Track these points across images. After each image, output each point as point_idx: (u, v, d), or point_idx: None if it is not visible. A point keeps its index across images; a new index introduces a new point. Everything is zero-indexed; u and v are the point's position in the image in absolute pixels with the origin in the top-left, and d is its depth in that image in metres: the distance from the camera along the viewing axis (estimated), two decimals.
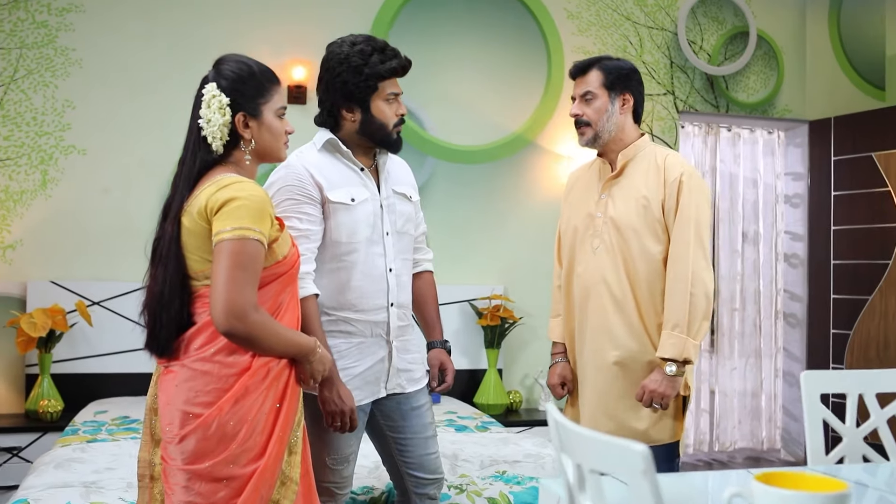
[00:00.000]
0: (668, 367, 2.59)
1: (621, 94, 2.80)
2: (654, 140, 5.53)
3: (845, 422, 2.27)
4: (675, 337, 2.59)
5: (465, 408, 4.64)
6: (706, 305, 2.62)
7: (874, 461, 2.27)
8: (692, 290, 2.59)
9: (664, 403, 2.61)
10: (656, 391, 2.60)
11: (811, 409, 2.19)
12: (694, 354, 2.61)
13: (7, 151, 4.63)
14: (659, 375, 2.61)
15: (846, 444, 2.25)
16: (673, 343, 2.59)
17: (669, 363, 2.59)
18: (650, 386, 2.61)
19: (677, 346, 2.58)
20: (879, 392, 2.28)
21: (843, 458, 2.27)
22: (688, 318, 2.58)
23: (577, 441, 1.39)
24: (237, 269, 2.02)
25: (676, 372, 2.59)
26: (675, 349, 2.59)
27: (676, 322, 2.59)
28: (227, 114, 2.16)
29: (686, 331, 2.58)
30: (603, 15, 5.46)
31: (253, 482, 2.09)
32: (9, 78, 4.62)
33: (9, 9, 4.62)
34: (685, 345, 2.58)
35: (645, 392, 2.62)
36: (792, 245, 5.98)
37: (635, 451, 1.24)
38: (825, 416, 2.22)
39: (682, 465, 5.68)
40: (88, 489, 2.90)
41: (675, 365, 2.58)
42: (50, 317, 4.32)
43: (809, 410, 2.18)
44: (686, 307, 2.59)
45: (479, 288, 5.16)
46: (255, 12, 4.93)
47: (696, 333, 2.61)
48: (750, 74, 5.79)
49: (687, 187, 2.68)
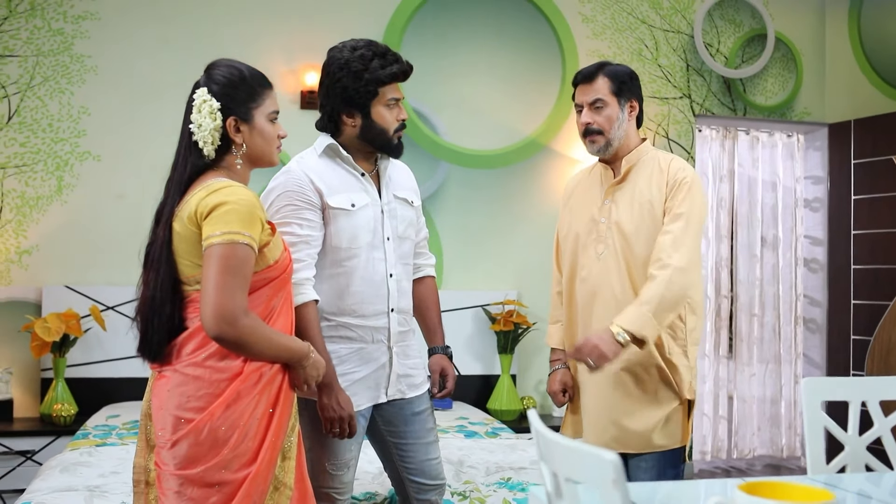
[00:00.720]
0: (620, 334, 2.49)
1: (629, 100, 2.78)
2: (670, 144, 5.48)
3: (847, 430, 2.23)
4: (641, 313, 2.50)
5: (477, 413, 4.62)
6: (681, 297, 2.54)
7: (877, 470, 2.22)
8: (672, 278, 2.52)
9: (597, 363, 2.49)
10: (597, 347, 2.47)
11: (811, 416, 2.14)
12: (651, 336, 2.51)
13: (23, 158, 4.68)
14: (608, 336, 2.49)
15: (848, 453, 2.20)
16: (636, 317, 2.50)
17: (624, 332, 2.50)
18: (594, 340, 2.49)
19: (638, 321, 2.50)
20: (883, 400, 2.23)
21: (844, 468, 2.22)
22: (658, 300, 2.50)
23: (553, 449, 1.36)
24: (227, 274, 2.02)
25: (625, 343, 2.49)
26: (635, 324, 2.49)
27: (647, 300, 2.52)
28: (218, 118, 2.16)
29: (653, 310, 2.50)
30: (618, 18, 5.43)
31: (245, 488, 2.09)
32: (25, 85, 4.68)
33: (25, 17, 4.67)
34: (646, 322, 2.49)
35: (587, 344, 2.50)
36: (812, 250, 5.90)
37: (606, 460, 1.21)
38: (826, 425, 2.17)
39: (700, 473, 5.62)
40: (92, 493, 2.92)
41: (628, 335, 2.49)
42: (64, 321, 4.36)
43: (809, 418, 2.14)
44: (661, 290, 2.51)
45: (492, 293, 5.14)
46: (268, 18, 4.95)
47: (662, 319, 2.53)
48: (768, 77, 5.73)
49: (686, 187, 2.66)
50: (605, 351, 2.48)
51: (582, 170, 3.03)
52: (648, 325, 2.51)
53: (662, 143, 5.47)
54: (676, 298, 2.55)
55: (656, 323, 2.52)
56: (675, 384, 2.67)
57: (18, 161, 4.67)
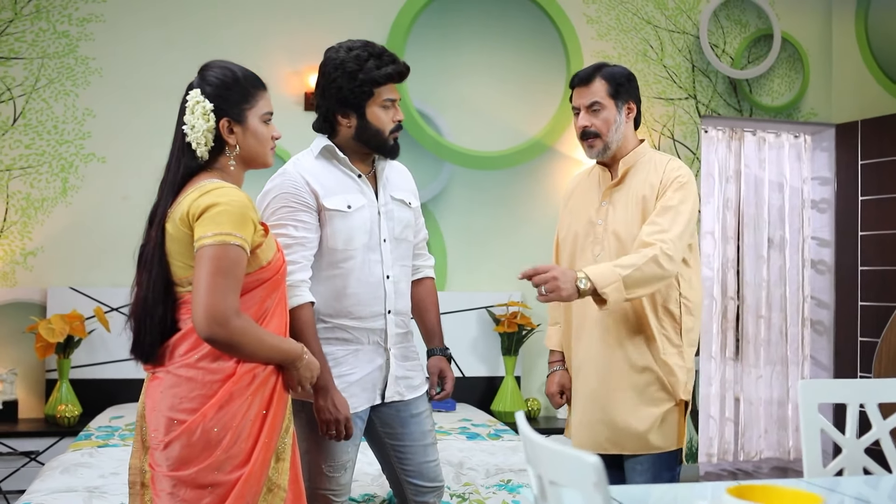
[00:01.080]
0: (582, 280, 2.44)
1: (626, 102, 2.75)
2: (675, 145, 5.45)
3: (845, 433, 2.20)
4: (612, 271, 2.45)
5: (481, 415, 4.61)
6: (656, 276, 2.49)
7: (875, 473, 2.20)
8: (658, 259, 2.48)
9: (551, 296, 2.43)
10: (556, 279, 2.41)
11: (808, 419, 2.12)
12: (613, 299, 2.45)
13: (28, 160, 4.70)
14: (571, 275, 2.44)
15: (846, 456, 2.18)
16: (606, 273, 2.45)
17: (586, 279, 2.44)
18: (555, 273, 2.43)
19: (607, 277, 2.44)
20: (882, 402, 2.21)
21: (842, 471, 2.20)
22: (633, 270, 2.46)
23: (538, 452, 1.36)
24: (218, 275, 2.02)
25: (584, 290, 2.43)
26: (602, 277, 2.44)
27: (624, 265, 2.47)
28: (211, 120, 2.16)
29: (625, 277, 2.45)
30: (623, 19, 5.41)
31: (238, 489, 2.09)
32: (30, 87, 4.70)
33: (31, 19, 4.70)
34: (612, 282, 2.43)
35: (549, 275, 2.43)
36: (819, 251, 5.87)
37: (587, 462, 1.20)
38: (824, 427, 2.15)
39: (707, 475, 5.59)
40: (91, 494, 2.92)
41: (590, 284, 2.43)
42: (68, 323, 4.37)
43: (806, 421, 2.12)
44: (639, 263, 2.47)
45: (496, 295, 5.13)
46: (271, 19, 4.96)
47: (631, 289, 2.47)
48: (774, 77, 5.70)
49: (677, 185, 2.63)
50: (560, 286, 2.41)
51: (581, 171, 3.01)
52: (614, 287, 2.44)
53: (668, 144, 5.45)
54: (653, 277, 2.49)
55: (623, 289, 2.45)
56: (670, 385, 2.65)
57: (24, 163, 4.69)
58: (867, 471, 2.22)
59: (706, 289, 5.70)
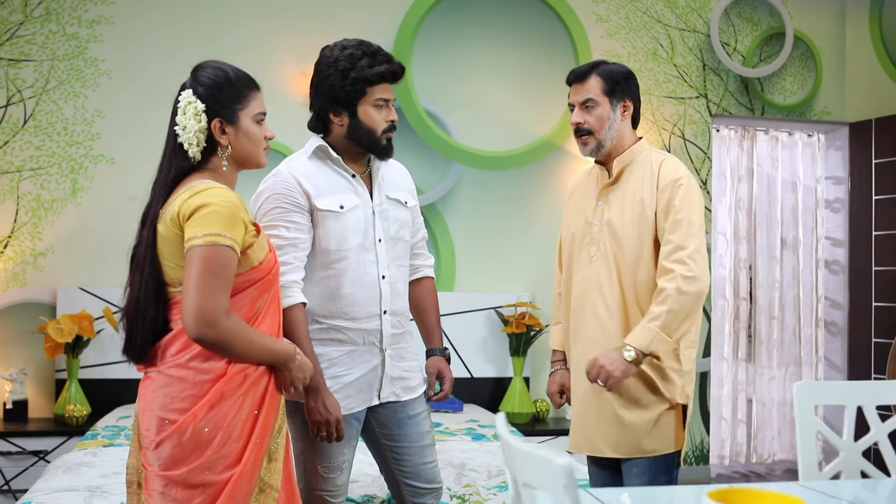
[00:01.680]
0: (626, 351, 2.50)
1: (622, 100, 2.73)
2: (686, 144, 5.41)
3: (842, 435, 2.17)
4: (648, 329, 2.50)
5: (488, 416, 4.59)
6: (691, 307, 2.52)
7: (873, 477, 2.16)
8: (681, 288, 2.50)
9: (609, 385, 2.52)
10: (605, 367, 2.50)
11: (804, 421, 2.09)
12: (664, 352, 2.51)
13: (39, 161, 4.73)
14: (616, 355, 2.51)
15: (843, 459, 2.15)
16: (643, 334, 2.50)
17: (629, 348, 2.50)
18: (601, 361, 2.52)
19: (646, 337, 2.49)
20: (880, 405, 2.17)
21: (839, 474, 2.16)
22: (668, 315, 2.49)
23: (512, 453, 1.34)
24: (208, 276, 2.02)
25: (633, 359, 2.49)
26: (643, 340, 2.49)
27: (655, 316, 2.50)
28: (203, 120, 2.16)
29: (661, 325, 2.49)
30: (633, 18, 5.37)
31: (228, 489, 2.08)
32: (40, 89, 4.73)
33: (41, 21, 4.73)
34: (655, 338, 2.48)
35: (595, 365, 2.53)
36: (832, 251, 5.80)
37: (557, 465, 1.19)
38: (820, 430, 2.12)
39: (718, 477, 5.54)
40: (92, 493, 2.93)
41: (634, 352, 2.49)
42: (76, 323, 4.40)
43: (802, 423, 2.09)
44: (668, 304, 2.49)
45: (505, 295, 5.11)
46: (279, 20, 4.97)
47: (673, 331, 2.51)
48: (786, 76, 5.64)
49: (680, 191, 2.60)
50: (610, 370, 2.50)
51: (584, 170, 2.99)
52: (657, 341, 2.49)
53: (678, 144, 5.41)
54: (688, 307, 2.52)
55: (666, 337, 2.50)
56: (664, 389, 2.61)
57: (34, 164, 4.73)
58: (865, 474, 2.19)
59: (718, 289, 5.66)
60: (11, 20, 4.70)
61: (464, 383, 5.02)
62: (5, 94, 4.70)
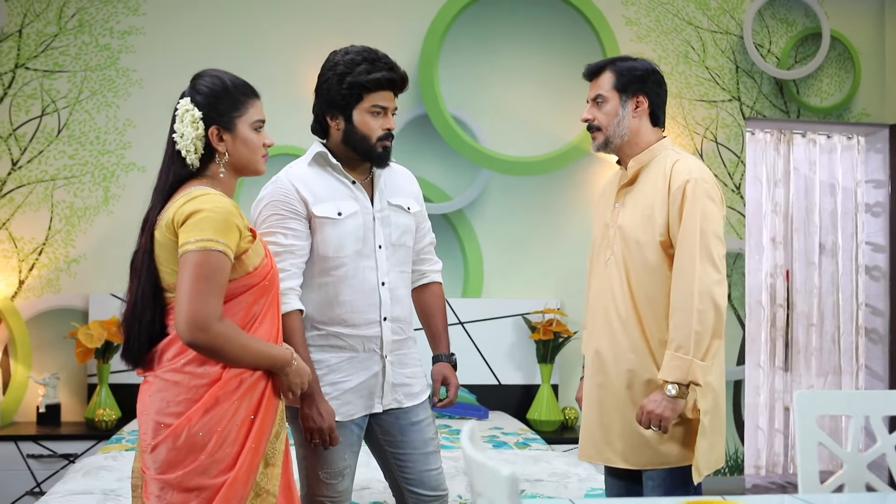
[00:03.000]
0: (668, 388, 2.42)
1: (634, 96, 2.64)
2: (718, 148, 5.32)
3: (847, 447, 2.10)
4: (679, 359, 2.41)
5: (514, 424, 4.55)
6: (715, 321, 2.43)
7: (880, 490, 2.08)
8: (699, 307, 2.40)
9: (663, 426, 2.43)
10: (654, 412, 2.43)
11: (804, 432, 2.03)
12: (701, 376, 2.41)
13: (72, 170, 4.83)
14: (659, 396, 2.43)
15: (846, 472, 2.07)
16: (677, 365, 2.41)
17: (671, 385, 2.42)
18: (648, 406, 2.44)
19: (681, 368, 2.41)
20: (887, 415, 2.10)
21: (842, 486, 2.09)
22: (694, 338, 2.40)
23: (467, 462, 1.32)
24: (200, 281, 2.03)
25: (678, 394, 2.41)
26: (679, 372, 2.41)
27: (681, 343, 2.41)
28: (200, 128, 2.18)
29: (691, 351, 2.40)
30: (663, 20, 5.30)
31: (223, 493, 2.09)
32: (74, 99, 4.83)
33: (74, 33, 4.83)
34: (690, 367, 2.40)
35: (643, 413, 2.46)
36: (873, 256, 5.65)
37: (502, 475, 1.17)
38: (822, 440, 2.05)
39: (755, 488, 5.42)
40: (106, 496, 2.97)
41: (677, 387, 2.41)
42: (106, 328, 4.47)
43: (802, 433, 2.02)
44: (691, 325, 2.40)
45: (533, 301, 5.07)
46: (307, 26, 5.00)
47: (703, 353, 2.41)
48: (823, 77, 5.51)
49: (692, 195, 2.49)
50: (660, 412, 2.43)
51: (614, 171, 2.87)
52: (694, 369, 2.40)
53: (711, 148, 5.32)
54: (712, 322, 2.42)
55: (699, 360, 2.40)
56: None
57: (67, 173, 4.83)
58: (870, 487, 2.11)
59: (754, 296, 5.55)
60: (46, 32, 4.81)
61: (491, 390, 4.99)
62: (40, 104, 4.81)
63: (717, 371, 2.56)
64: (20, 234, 4.78)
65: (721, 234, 2.53)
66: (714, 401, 2.54)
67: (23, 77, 4.80)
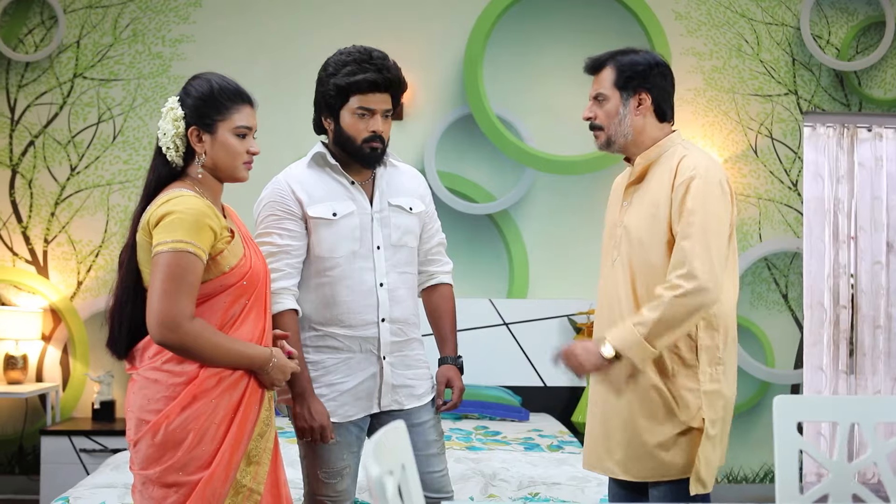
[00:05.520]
0: (605, 348, 2.33)
1: (636, 93, 2.54)
2: (774, 144, 5.14)
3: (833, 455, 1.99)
4: (632, 331, 2.32)
5: (555, 426, 4.49)
6: (685, 317, 2.31)
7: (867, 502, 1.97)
8: (678, 298, 2.29)
9: (576, 373, 2.38)
10: (577, 357, 2.35)
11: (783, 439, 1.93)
12: (638, 358, 2.31)
13: (127, 174, 5.00)
14: (593, 347, 2.34)
15: (831, 481, 1.97)
16: (626, 335, 2.32)
17: (608, 345, 2.33)
18: (577, 349, 2.36)
19: (627, 339, 2.31)
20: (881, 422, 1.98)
21: (826, 496, 1.98)
22: (654, 325, 2.30)
23: None
24: (170, 281, 2.08)
25: (609, 355, 2.32)
26: (623, 343, 2.31)
27: (643, 321, 2.32)
28: (181, 127, 2.24)
29: (646, 334, 2.30)
30: (714, 13, 5.15)
31: (199, 489, 2.14)
32: (128, 106, 5.00)
33: (128, 43, 5.00)
34: (633, 343, 2.30)
35: (570, 352, 2.37)
36: None
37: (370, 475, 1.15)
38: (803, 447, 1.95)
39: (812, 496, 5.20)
40: (126, 490, 3.06)
41: (615, 350, 2.32)
42: None
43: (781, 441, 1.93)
44: (659, 313, 2.30)
45: (578, 302, 4.99)
46: (353, 30, 5.04)
47: (656, 340, 2.31)
48: (887, 68, 5.25)
49: (694, 190, 2.37)
50: (583, 362, 2.35)
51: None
52: (637, 347, 2.31)
53: (766, 144, 5.14)
54: (680, 319, 2.31)
55: (648, 345, 2.31)
56: (676, 409, 2.39)
57: (122, 178, 5.00)
58: (858, 498, 2.00)
59: (815, 297, 5.32)
60: (102, 42, 4.99)
61: (536, 392, 4.95)
62: (97, 112, 5.00)
63: (728, 378, 2.45)
64: (78, 237, 4.98)
65: (725, 234, 2.42)
66: (724, 409, 2.42)
67: (81, 86, 4.99)
